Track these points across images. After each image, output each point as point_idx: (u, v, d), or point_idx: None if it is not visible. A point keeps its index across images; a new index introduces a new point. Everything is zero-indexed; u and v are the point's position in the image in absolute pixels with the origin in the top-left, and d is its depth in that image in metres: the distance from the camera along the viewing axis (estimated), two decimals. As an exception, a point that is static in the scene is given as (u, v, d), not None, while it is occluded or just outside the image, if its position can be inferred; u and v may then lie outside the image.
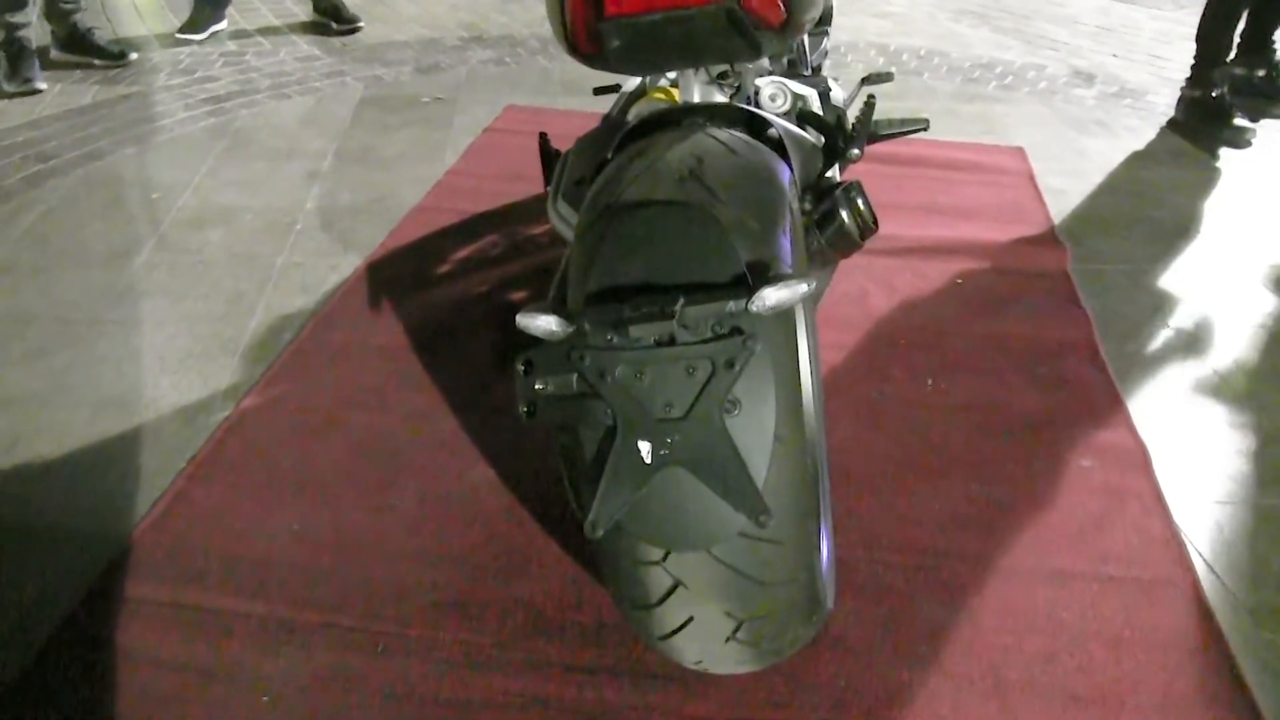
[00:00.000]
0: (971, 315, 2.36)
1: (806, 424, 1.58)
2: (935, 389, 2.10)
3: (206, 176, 2.97)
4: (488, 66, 4.01)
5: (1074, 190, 3.03)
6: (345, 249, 2.60)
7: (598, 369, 1.11)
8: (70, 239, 2.60)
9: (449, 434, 1.95)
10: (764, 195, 1.25)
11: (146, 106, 3.47)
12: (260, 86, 3.71)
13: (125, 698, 1.42)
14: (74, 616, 1.55)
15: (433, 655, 1.50)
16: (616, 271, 1.16)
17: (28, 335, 2.20)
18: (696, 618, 1.22)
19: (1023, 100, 3.78)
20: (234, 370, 2.11)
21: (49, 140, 3.16)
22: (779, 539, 1.17)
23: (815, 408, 1.59)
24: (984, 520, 1.77)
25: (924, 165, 3.13)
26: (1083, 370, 2.18)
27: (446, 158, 3.15)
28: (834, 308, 2.35)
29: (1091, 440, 1.97)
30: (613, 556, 1.22)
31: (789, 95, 1.76)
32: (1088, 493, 1.84)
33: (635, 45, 1.39)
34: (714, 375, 1.09)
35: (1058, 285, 2.50)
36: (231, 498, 1.79)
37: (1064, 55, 4.33)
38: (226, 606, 1.57)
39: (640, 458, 1.10)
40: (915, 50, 4.28)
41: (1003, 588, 1.64)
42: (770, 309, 1.09)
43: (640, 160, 1.29)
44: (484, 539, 1.71)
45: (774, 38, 1.42)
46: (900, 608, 1.59)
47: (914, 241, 2.68)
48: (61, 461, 1.85)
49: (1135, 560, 1.69)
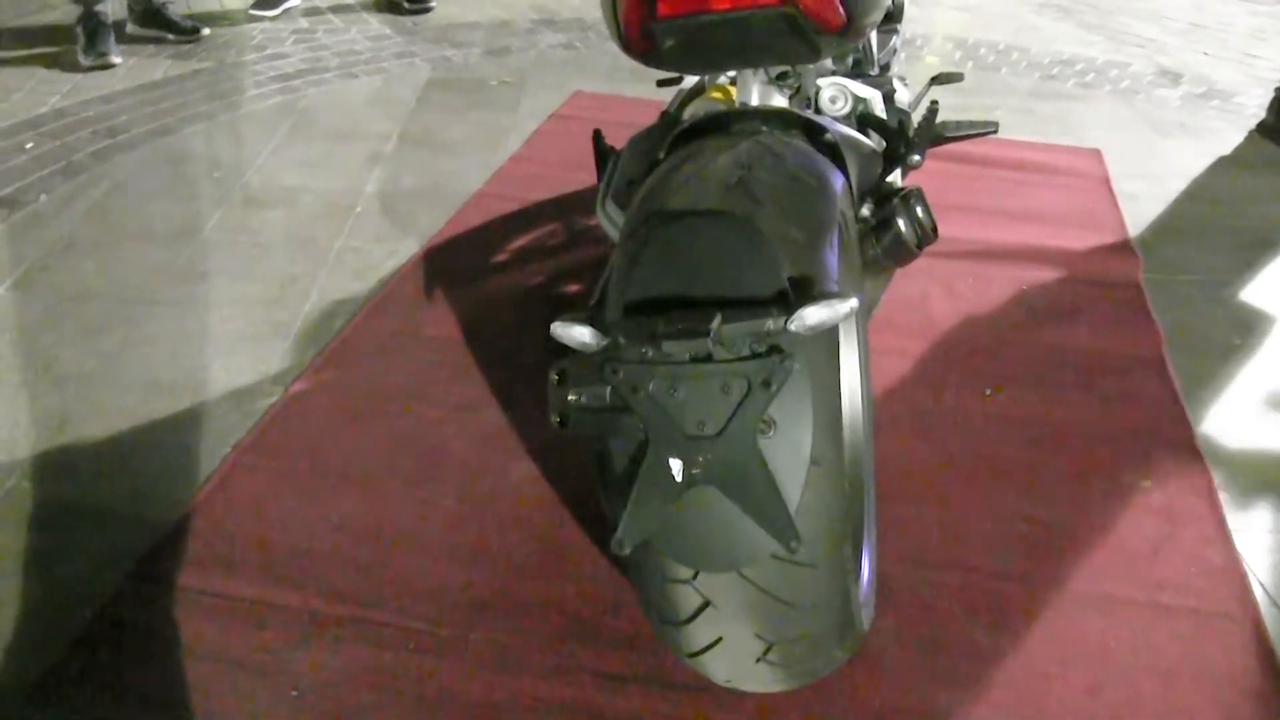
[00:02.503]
0: (1035, 324, 2.30)
1: (851, 441, 1.55)
2: (992, 399, 2.05)
3: (270, 156, 2.99)
4: (557, 51, 3.98)
5: (1151, 196, 2.94)
6: (403, 234, 2.59)
7: (631, 383, 1.08)
8: (132, 216, 2.63)
9: (494, 428, 1.94)
10: (812, 206, 1.21)
11: (216, 83, 3.50)
12: (329, 65, 3.72)
13: (157, 684, 1.43)
14: (114, 600, 1.56)
15: (463, 656, 1.49)
16: (655, 282, 1.13)
17: (84, 314, 2.22)
18: (726, 638, 1.19)
19: (1103, 99, 3.67)
20: (284, 355, 2.12)
21: (119, 115, 3.20)
22: (813, 563, 1.14)
23: (863, 422, 1.56)
24: (1034, 540, 1.72)
25: (995, 166, 3.05)
26: (1149, 386, 2.10)
27: (511, 143, 3.14)
28: (892, 311, 2.30)
29: (1152, 460, 1.90)
30: (641, 570, 1.19)
31: (849, 98, 1.72)
32: (1145, 516, 1.78)
33: (689, 45, 1.36)
34: (750, 394, 1.06)
35: (1128, 296, 2.42)
36: (274, 486, 1.79)
37: (1150, 52, 4.20)
38: (261, 597, 1.57)
39: (671, 475, 1.08)
40: (994, 45, 4.17)
41: (1050, 612, 1.59)
42: (810, 329, 1.05)
43: (688, 166, 1.26)
44: (523, 538, 1.70)
45: (833, 41, 1.37)
46: (942, 628, 1.55)
47: (980, 245, 2.61)
48: (110, 443, 1.87)
49: (1191, 590, 1.63)
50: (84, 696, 1.41)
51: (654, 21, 1.31)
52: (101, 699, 1.41)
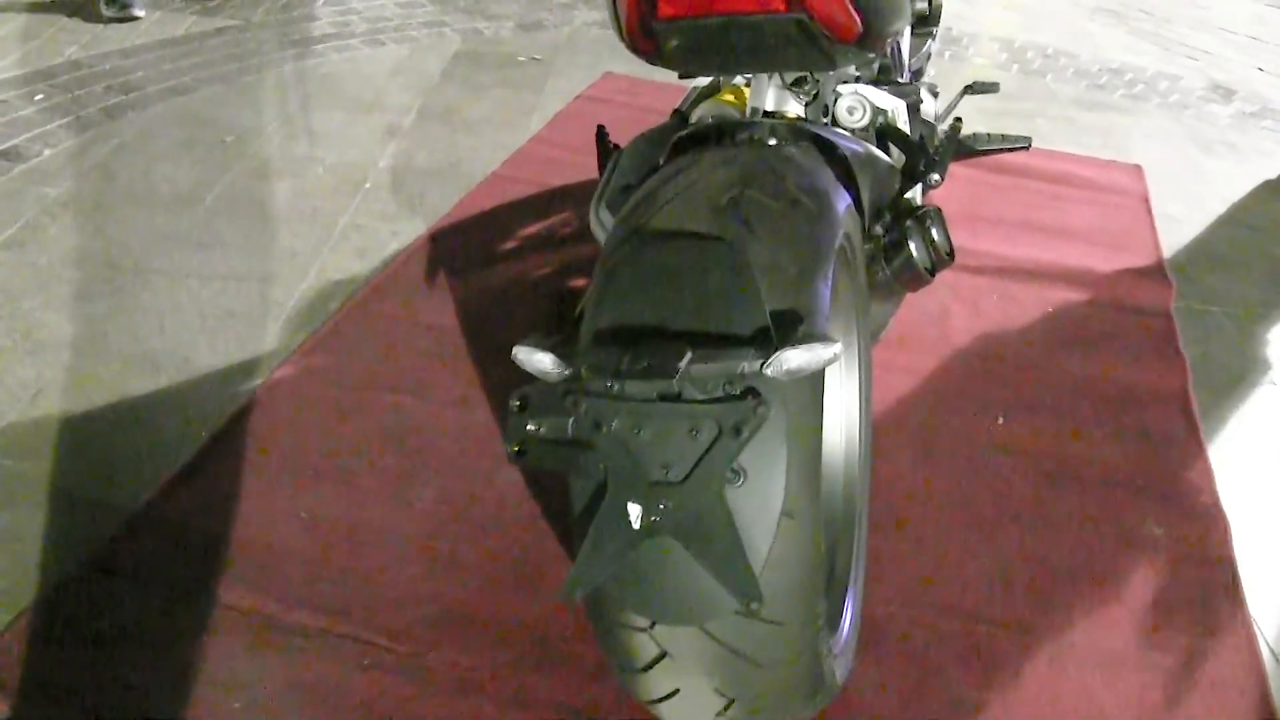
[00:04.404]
0: (1057, 349, 2.20)
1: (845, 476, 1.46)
2: (1005, 428, 1.95)
3: (284, 123, 2.92)
4: (591, 29, 3.88)
5: (1191, 218, 2.82)
6: (411, 214, 2.52)
7: (593, 418, 1.00)
8: (137, 178, 2.56)
9: (484, 428, 1.86)
10: (809, 234, 1.13)
11: (239, 42, 3.43)
12: (356, 30, 3.65)
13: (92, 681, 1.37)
14: (64, 586, 1.50)
15: (420, 676, 1.42)
16: (628, 310, 1.05)
17: (75, 278, 2.16)
18: (684, 690, 1.11)
19: (1149, 113, 3.54)
20: (275, 335, 2.05)
21: (136, 71, 3.13)
22: (780, 619, 1.06)
23: (858, 455, 1.47)
24: (1035, 585, 1.63)
25: (1029, 176, 2.93)
26: (1170, 424, 2.00)
27: (533, 124, 3.05)
28: (909, 326, 2.20)
29: (1168, 505, 1.81)
30: (598, 610, 1.12)
31: (868, 109, 1.62)
32: (1155, 566, 1.68)
33: (694, 48, 1.27)
34: (719, 439, 0.97)
35: (1157, 325, 2.31)
36: (246, 476, 1.72)
37: (1204, 65, 4.05)
38: (218, 597, 1.51)
39: (629, 521, 1.00)
40: (1041, 49, 4.04)
41: (1044, 666, 1.50)
42: (788, 374, 0.96)
43: (680, 179, 1.18)
44: (500, 549, 1.62)
45: (849, 51, 1.28)
46: (928, 678, 1.47)
47: (1007, 261, 2.51)
48: (83, 419, 1.81)
49: (1196, 651, 1.54)
50: (13, 682, 1.36)
51: (655, 21, 1.23)
52: (29, 691, 1.35)
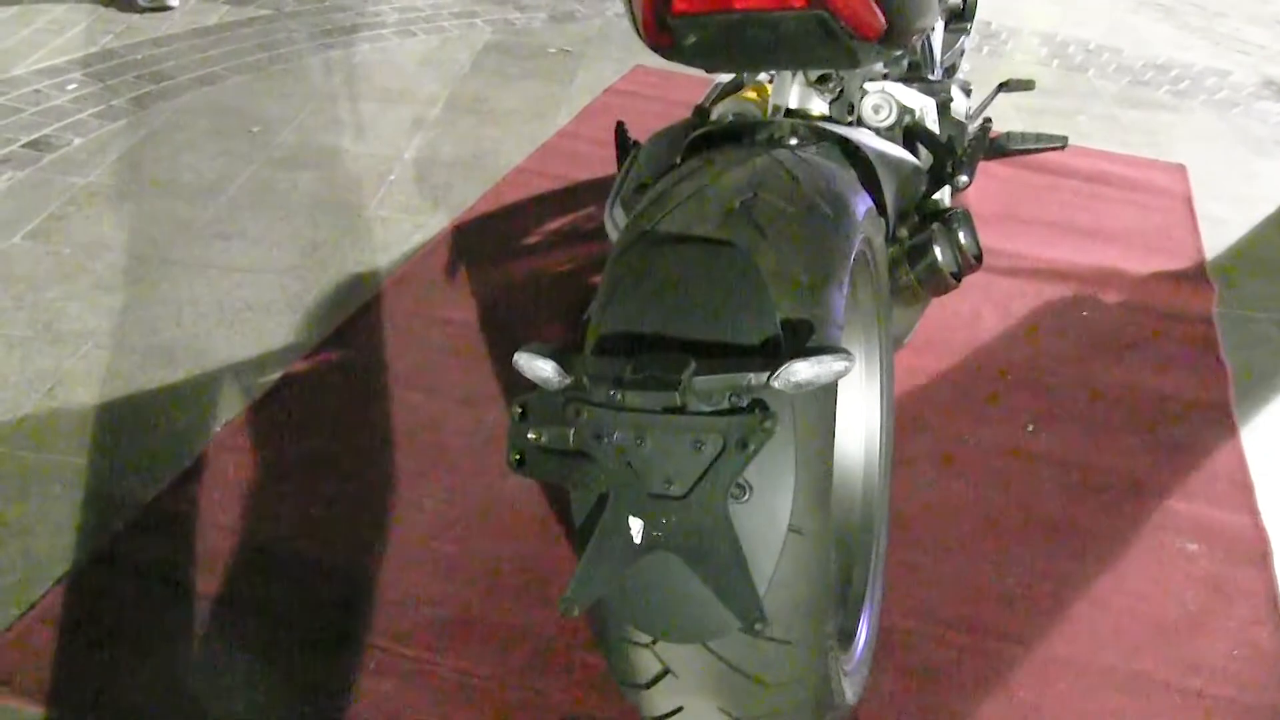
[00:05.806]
0: (1092, 355, 2.14)
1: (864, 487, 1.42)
2: (1034, 437, 1.90)
3: (312, 114, 2.90)
4: (623, 21, 3.82)
5: (1236, 221, 2.74)
6: (435, 207, 2.49)
7: (594, 428, 0.96)
8: (162, 168, 2.55)
9: (498, 428, 1.83)
10: (824, 240, 1.08)
11: (269, 32, 3.42)
12: (387, 21, 3.62)
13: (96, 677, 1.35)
14: (70, 581, 1.49)
15: (425, 681, 1.39)
16: (635, 316, 1.01)
17: (96, 268, 2.15)
18: (687, 709, 1.08)
19: (1195, 110, 3.45)
20: (293, 329, 2.03)
21: (167, 60, 3.13)
22: (787, 638, 1.02)
23: (878, 465, 1.43)
24: (1061, 601, 1.58)
25: (1068, 175, 2.86)
26: (1209, 436, 1.94)
27: (560, 117, 3.02)
28: (939, 329, 2.15)
29: (1203, 521, 1.75)
30: (601, 625, 1.08)
31: (895, 108, 1.57)
32: (1189, 584, 1.63)
33: (711, 44, 1.23)
34: (724, 453, 0.93)
35: (1198, 331, 2.25)
36: (257, 472, 1.70)
37: (1255, 61, 3.95)
38: (224, 594, 1.49)
39: (630, 536, 0.96)
40: (1084, 43, 3.95)
41: (1069, 687, 1.45)
42: (796, 387, 0.92)
43: (693, 180, 1.14)
44: (509, 553, 1.59)
45: (872, 49, 1.24)
46: (945, 696, 1.42)
47: (1042, 263, 2.44)
48: (99, 410, 1.79)
49: (1233, 675, 1.48)
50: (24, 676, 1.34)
51: (670, 16, 1.19)
52: (36, 688, 1.34)
